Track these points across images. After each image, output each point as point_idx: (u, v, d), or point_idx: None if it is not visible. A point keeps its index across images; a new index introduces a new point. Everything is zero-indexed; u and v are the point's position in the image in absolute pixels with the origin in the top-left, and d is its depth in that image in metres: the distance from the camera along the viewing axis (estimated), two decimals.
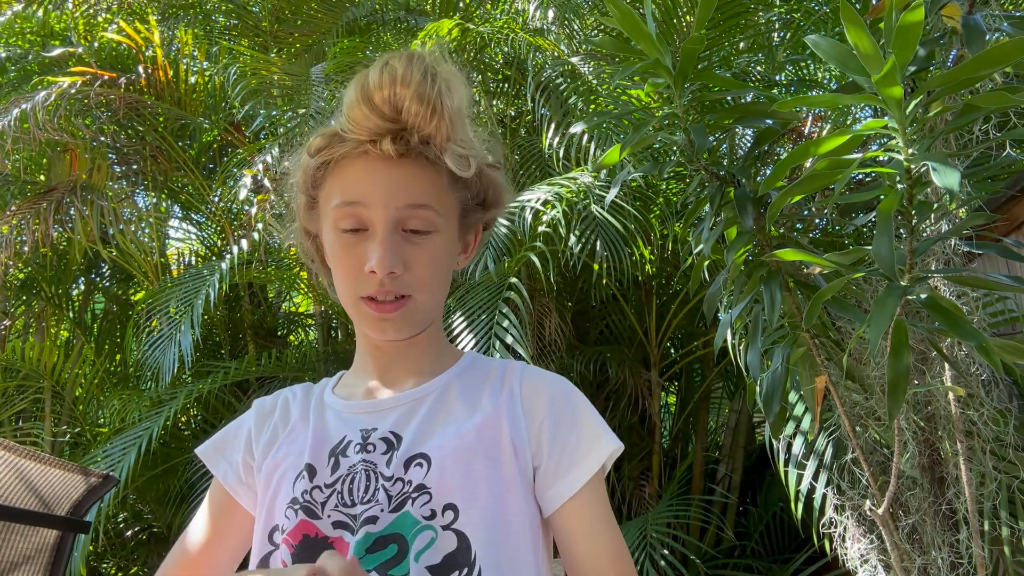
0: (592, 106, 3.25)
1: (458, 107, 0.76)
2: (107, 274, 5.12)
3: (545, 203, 2.80)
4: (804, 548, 3.02)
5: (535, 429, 0.78)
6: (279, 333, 5.07)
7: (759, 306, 1.46)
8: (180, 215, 5.17)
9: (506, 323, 2.68)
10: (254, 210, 3.37)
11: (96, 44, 4.29)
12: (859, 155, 1.03)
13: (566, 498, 0.76)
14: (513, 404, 0.79)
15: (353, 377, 0.89)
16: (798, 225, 2.72)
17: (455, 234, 0.83)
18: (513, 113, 4.06)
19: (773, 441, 2.36)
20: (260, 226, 3.36)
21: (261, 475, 0.80)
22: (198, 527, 0.84)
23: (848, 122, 3.31)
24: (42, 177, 4.66)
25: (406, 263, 0.76)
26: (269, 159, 3.19)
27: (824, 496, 2.18)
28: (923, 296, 1.12)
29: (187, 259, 5.19)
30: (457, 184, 0.80)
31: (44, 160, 4.57)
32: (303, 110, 3.42)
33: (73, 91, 3.55)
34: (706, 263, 1.60)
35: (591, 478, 0.76)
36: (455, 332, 2.82)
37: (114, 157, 4.47)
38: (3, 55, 4.87)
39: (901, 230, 1.17)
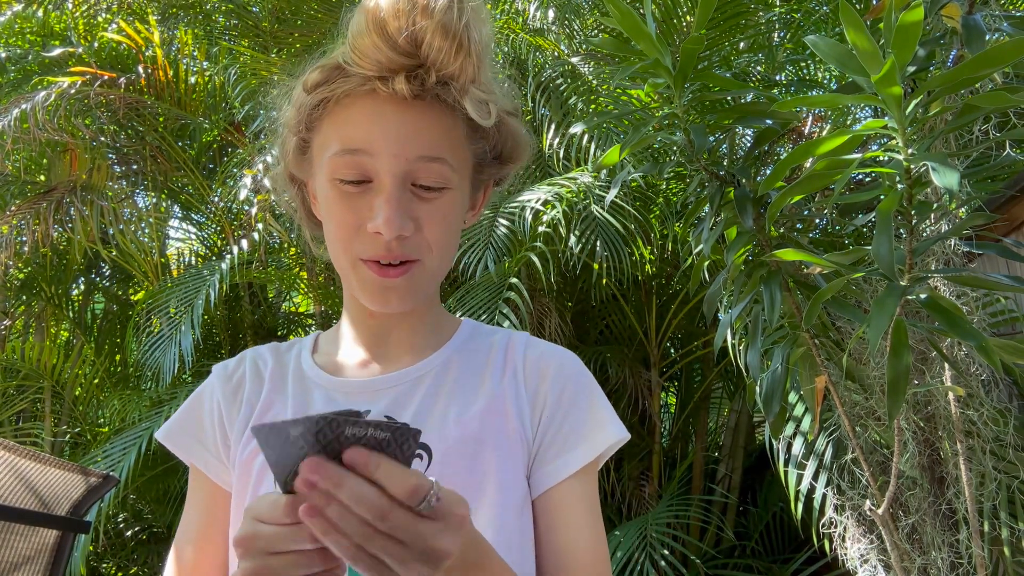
0: (592, 106, 3.25)
1: (485, 43, 0.66)
2: (107, 274, 5.12)
3: (545, 203, 2.80)
4: (804, 548, 3.02)
5: (539, 408, 0.72)
6: (279, 333, 5.07)
7: (759, 306, 1.46)
8: (180, 215, 5.17)
9: (506, 323, 2.68)
10: (254, 210, 3.37)
11: (96, 44, 4.29)
12: (859, 155, 1.03)
13: (559, 479, 0.69)
14: (517, 384, 0.73)
15: (337, 345, 0.79)
16: (798, 225, 2.72)
17: (467, 191, 0.73)
18: None
19: (773, 441, 2.36)
20: (260, 226, 3.36)
21: (237, 463, 0.72)
22: (193, 530, 0.75)
23: (848, 122, 3.30)
24: (42, 177, 4.67)
25: (416, 223, 0.66)
26: (269, 159, 3.19)
27: (824, 496, 2.18)
28: (923, 296, 1.12)
29: (187, 259, 5.19)
30: (475, 134, 0.71)
31: (44, 160, 4.57)
32: None
33: (73, 91, 3.55)
34: (706, 263, 1.60)
35: (588, 463, 0.70)
36: None
37: (114, 157, 4.47)
38: (3, 55, 4.87)
39: (901, 230, 1.17)
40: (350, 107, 0.67)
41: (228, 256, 3.41)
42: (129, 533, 4.37)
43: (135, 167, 4.50)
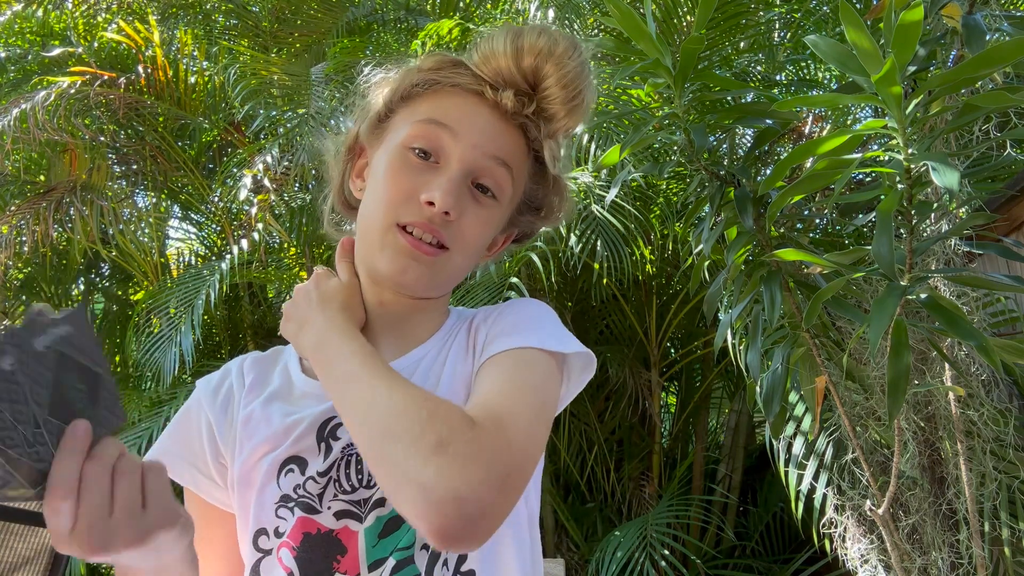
0: (592, 106, 3.24)
1: (589, 107, 0.75)
2: (107, 274, 5.12)
3: None
4: (804, 548, 3.02)
5: (483, 338, 0.72)
6: (279, 333, 5.07)
7: (759, 306, 1.46)
8: (180, 215, 5.17)
9: None
10: (254, 210, 3.37)
11: (96, 44, 4.29)
12: (859, 155, 1.03)
13: (483, 359, 0.68)
14: (476, 355, 0.72)
15: None
16: (798, 225, 2.72)
17: (504, 221, 0.77)
18: None
19: (773, 441, 2.36)
20: (260, 226, 3.36)
21: (236, 473, 0.70)
22: None
23: (848, 122, 3.30)
24: (42, 177, 4.67)
25: (462, 213, 0.70)
26: (269, 159, 3.19)
27: (824, 496, 2.18)
28: (923, 296, 1.12)
29: (187, 259, 5.19)
30: (535, 176, 0.78)
31: (44, 160, 4.57)
32: (303, 110, 3.42)
33: (73, 91, 3.55)
34: (706, 263, 1.60)
35: (521, 347, 0.67)
36: None
37: (114, 157, 4.46)
38: (3, 55, 4.87)
39: (901, 230, 1.17)
40: (453, 95, 0.73)
41: (228, 256, 3.41)
42: None
43: (135, 167, 4.50)
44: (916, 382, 1.91)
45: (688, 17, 3.09)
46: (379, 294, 0.75)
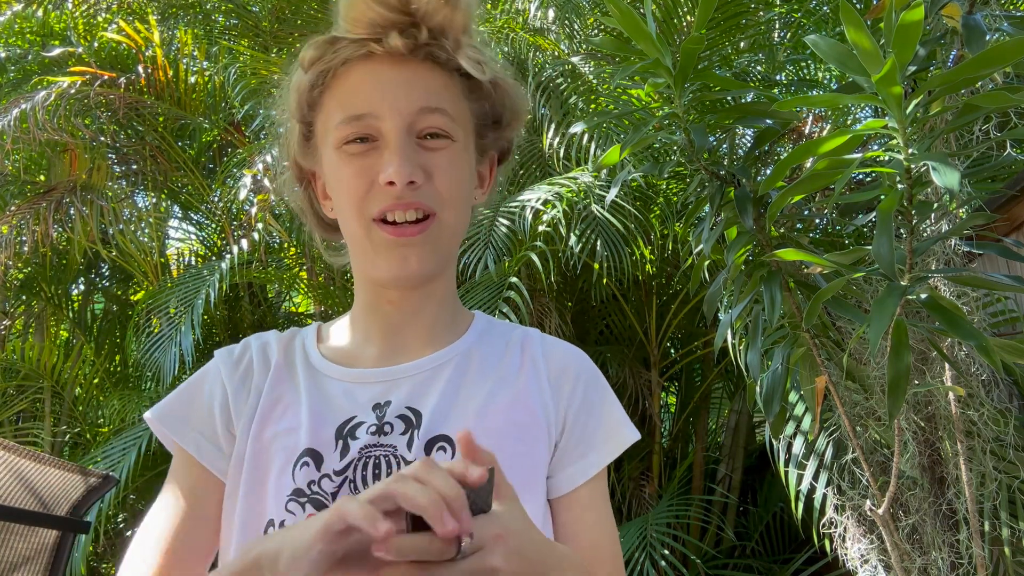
0: (592, 106, 3.25)
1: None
2: (107, 274, 5.11)
3: (545, 203, 2.80)
4: (804, 548, 3.02)
5: (563, 407, 0.73)
6: None
7: (759, 306, 1.46)
8: (180, 215, 5.17)
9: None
10: (254, 210, 3.37)
11: (96, 44, 4.29)
12: (859, 155, 1.03)
13: (580, 482, 0.71)
14: (539, 379, 0.73)
15: (348, 336, 0.77)
16: (798, 225, 2.71)
17: (471, 151, 0.73)
18: None
19: (773, 441, 2.36)
20: (260, 226, 3.36)
21: (247, 453, 0.68)
22: (176, 515, 0.69)
23: (848, 122, 3.31)
24: (42, 177, 4.67)
25: (426, 172, 0.66)
26: (269, 159, 3.19)
27: (824, 496, 2.18)
28: (923, 296, 1.12)
29: (187, 259, 5.19)
30: (471, 94, 0.72)
31: (44, 160, 4.57)
32: None
33: (73, 91, 3.55)
34: (706, 263, 1.60)
35: (604, 466, 0.73)
36: None
37: (114, 157, 4.46)
38: (3, 55, 4.87)
39: (901, 230, 1.17)
40: (348, 76, 0.68)
41: (228, 256, 3.41)
42: (129, 533, 4.37)
43: (135, 167, 4.50)
44: (916, 382, 1.91)
45: (688, 17, 3.09)
46: (385, 295, 0.73)
